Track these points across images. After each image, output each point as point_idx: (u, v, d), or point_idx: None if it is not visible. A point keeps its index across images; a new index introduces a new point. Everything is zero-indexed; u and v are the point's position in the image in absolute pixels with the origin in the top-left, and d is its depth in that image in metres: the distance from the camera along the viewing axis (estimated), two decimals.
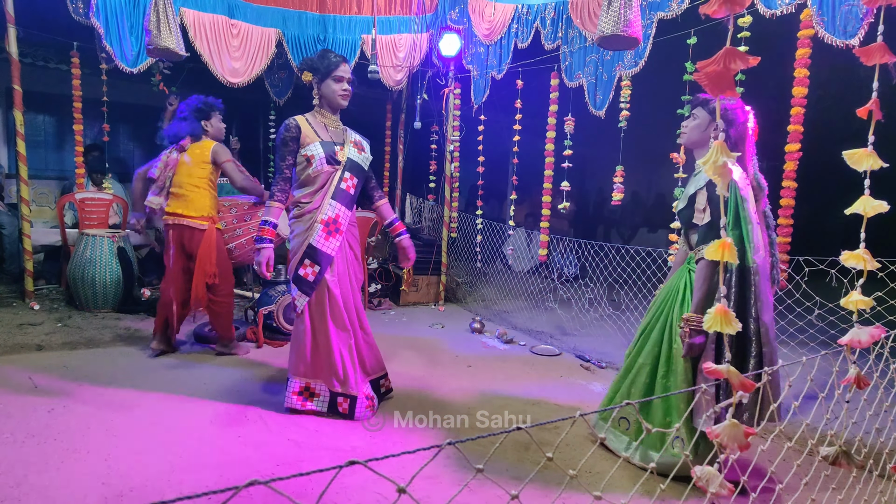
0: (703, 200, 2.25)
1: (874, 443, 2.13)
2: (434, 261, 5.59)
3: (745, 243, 2.10)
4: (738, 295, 2.13)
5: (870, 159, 1.28)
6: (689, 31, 3.36)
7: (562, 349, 4.28)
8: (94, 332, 4.00)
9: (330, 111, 2.83)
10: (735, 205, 2.12)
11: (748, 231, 2.10)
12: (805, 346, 3.47)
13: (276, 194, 2.77)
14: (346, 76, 2.79)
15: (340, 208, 2.79)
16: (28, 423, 2.57)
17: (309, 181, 2.76)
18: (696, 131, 2.35)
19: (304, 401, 2.85)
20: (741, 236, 2.11)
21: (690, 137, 2.39)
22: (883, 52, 1.24)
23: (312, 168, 2.73)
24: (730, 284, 2.12)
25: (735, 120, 2.26)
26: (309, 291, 2.76)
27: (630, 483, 2.28)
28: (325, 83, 2.77)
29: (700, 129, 2.34)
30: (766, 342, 2.12)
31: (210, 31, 4.67)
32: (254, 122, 7.54)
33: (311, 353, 2.80)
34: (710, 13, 1.14)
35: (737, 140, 2.26)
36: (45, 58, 5.82)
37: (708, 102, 2.32)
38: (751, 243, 2.10)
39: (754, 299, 2.12)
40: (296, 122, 2.75)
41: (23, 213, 4.46)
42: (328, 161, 2.74)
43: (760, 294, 2.11)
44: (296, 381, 2.84)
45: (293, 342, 2.87)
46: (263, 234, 2.75)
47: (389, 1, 5.37)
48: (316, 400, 2.84)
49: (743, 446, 1.12)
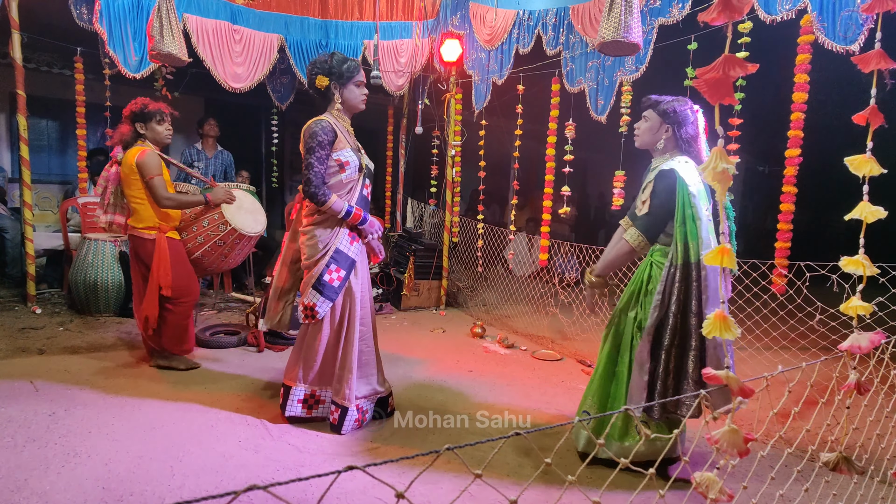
0: (647, 192, 2.33)
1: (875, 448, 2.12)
2: (435, 265, 5.60)
3: (688, 240, 2.19)
4: (681, 290, 2.22)
5: (869, 165, 1.28)
6: (689, 36, 3.38)
7: (563, 354, 4.28)
8: (95, 337, 4.01)
9: (348, 115, 2.77)
10: (682, 203, 2.20)
11: (696, 228, 2.18)
12: (806, 351, 3.46)
13: (328, 194, 2.61)
14: (364, 81, 2.77)
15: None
16: (29, 428, 2.57)
17: (339, 186, 2.67)
18: (648, 133, 2.40)
19: (308, 409, 2.81)
20: (686, 233, 2.20)
21: (643, 139, 2.44)
22: (880, 59, 1.24)
23: (346, 174, 2.66)
24: (673, 279, 2.22)
25: (685, 120, 2.30)
26: (333, 297, 2.67)
27: (630, 487, 2.27)
28: (347, 88, 2.70)
29: (652, 130, 2.39)
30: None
31: (213, 37, 4.69)
32: (256, 127, 7.58)
33: (322, 360, 2.76)
34: (708, 21, 1.15)
35: (689, 139, 2.33)
36: (49, 63, 5.85)
37: (658, 104, 2.37)
38: (696, 240, 2.18)
39: (697, 294, 2.19)
40: (330, 124, 2.62)
41: (25, 217, 4.47)
42: (359, 168, 2.72)
43: (706, 289, 2.16)
44: (301, 390, 2.79)
45: (303, 349, 2.78)
46: (356, 215, 2.67)
47: (391, 6, 5.39)
48: (322, 406, 2.82)
49: (742, 452, 1.12)
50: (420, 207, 6.77)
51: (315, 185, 2.58)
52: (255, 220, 3.64)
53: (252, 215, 3.67)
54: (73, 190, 5.60)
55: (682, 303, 2.22)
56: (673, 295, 2.22)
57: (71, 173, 6.16)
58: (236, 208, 3.57)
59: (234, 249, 3.65)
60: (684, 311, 2.22)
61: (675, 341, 2.23)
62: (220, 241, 3.52)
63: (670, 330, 2.22)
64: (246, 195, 3.76)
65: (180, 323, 3.39)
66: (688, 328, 2.21)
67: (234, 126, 6.93)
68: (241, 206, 3.62)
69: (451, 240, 5.70)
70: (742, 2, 1.10)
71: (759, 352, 3.64)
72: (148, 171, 3.17)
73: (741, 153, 3.19)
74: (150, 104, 3.30)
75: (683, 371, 2.23)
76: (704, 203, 2.23)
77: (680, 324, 2.23)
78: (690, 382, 2.20)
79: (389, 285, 5.59)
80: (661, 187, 2.26)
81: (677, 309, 2.22)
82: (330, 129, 2.60)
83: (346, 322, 2.74)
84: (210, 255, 3.56)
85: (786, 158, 3.08)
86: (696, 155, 2.34)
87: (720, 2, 1.11)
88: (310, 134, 2.59)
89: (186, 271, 3.40)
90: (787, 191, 3.09)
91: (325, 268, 2.66)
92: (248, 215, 3.64)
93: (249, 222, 3.61)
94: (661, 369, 2.23)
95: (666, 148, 2.36)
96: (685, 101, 2.34)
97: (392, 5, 5.40)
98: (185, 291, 3.36)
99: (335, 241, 2.68)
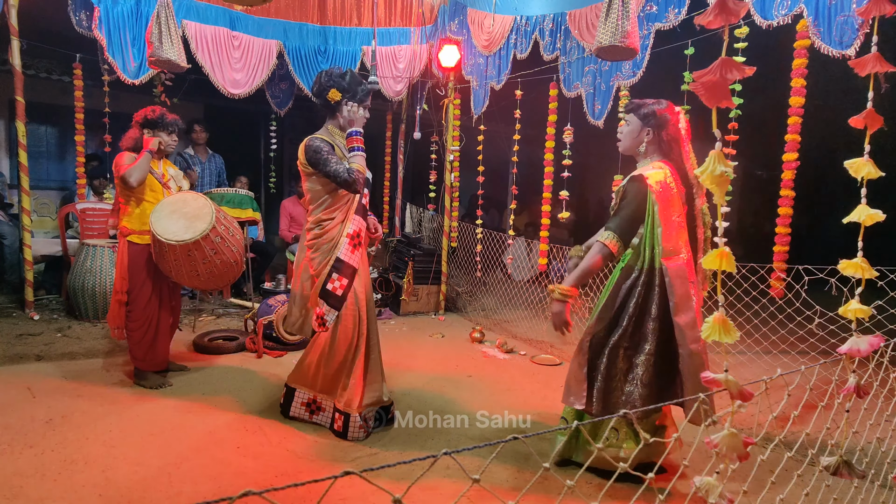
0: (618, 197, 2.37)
1: (875, 452, 2.12)
2: (434, 270, 5.59)
3: (654, 245, 2.23)
4: (641, 294, 2.26)
5: (866, 168, 1.29)
6: (686, 41, 3.39)
7: (562, 359, 4.27)
8: (93, 343, 4.00)
9: (341, 131, 2.82)
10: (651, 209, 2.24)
11: (657, 234, 2.22)
12: (805, 355, 3.46)
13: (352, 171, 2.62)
14: (369, 105, 2.83)
15: (360, 222, 2.81)
16: (26, 434, 2.56)
17: (337, 198, 2.73)
18: (629, 137, 2.42)
19: (310, 413, 2.85)
20: (653, 239, 2.23)
21: (624, 143, 2.46)
22: (876, 63, 1.25)
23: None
24: (634, 283, 2.26)
25: (665, 122, 2.31)
26: (338, 306, 2.72)
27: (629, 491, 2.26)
28: (354, 108, 2.75)
29: (633, 134, 2.40)
30: (681, 343, 2.18)
31: (211, 43, 4.71)
32: (254, 132, 7.58)
33: (326, 367, 2.78)
34: (704, 24, 1.15)
35: (669, 142, 2.35)
36: (48, 69, 5.86)
37: (639, 108, 2.38)
38: (659, 245, 2.22)
39: (660, 299, 2.21)
40: (325, 140, 2.70)
41: (24, 223, 4.47)
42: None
43: (672, 295, 2.18)
44: (304, 392, 2.86)
45: (310, 354, 2.84)
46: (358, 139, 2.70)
47: (389, 12, 5.42)
48: (322, 414, 2.84)
49: (742, 456, 1.12)
50: (419, 212, 6.78)
51: (345, 175, 2.61)
52: (187, 226, 3.03)
53: (187, 221, 3.06)
54: (72, 196, 5.60)
55: (641, 307, 2.26)
56: (632, 298, 2.26)
57: (69, 179, 6.16)
58: (169, 212, 3.07)
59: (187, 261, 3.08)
60: (641, 314, 2.26)
61: (623, 342, 2.27)
62: (155, 247, 3.10)
63: (621, 330, 2.27)
64: (197, 198, 3.20)
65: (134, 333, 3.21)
66: (644, 332, 2.25)
67: (233, 132, 6.95)
68: (179, 210, 3.11)
69: (450, 245, 5.70)
70: (738, 5, 1.10)
71: (759, 355, 3.64)
72: (118, 169, 3.12)
73: (739, 157, 3.20)
74: (168, 114, 3.32)
75: (633, 373, 2.27)
76: (676, 209, 2.25)
77: (634, 326, 2.26)
78: (639, 384, 2.24)
79: (388, 290, 5.58)
80: (631, 191, 2.29)
81: (634, 311, 2.25)
82: (325, 143, 2.70)
83: (352, 330, 2.76)
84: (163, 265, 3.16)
85: (783, 162, 3.09)
86: (678, 158, 2.34)
87: (716, 5, 1.12)
88: (312, 151, 2.66)
89: (143, 278, 3.19)
90: (785, 195, 3.10)
91: (327, 278, 2.70)
92: (181, 220, 3.05)
93: (174, 228, 3.01)
94: (603, 367, 2.28)
95: (648, 152, 2.37)
96: (666, 104, 2.35)
97: (390, 11, 5.42)
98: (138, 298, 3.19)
99: (336, 251, 2.72)
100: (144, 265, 3.19)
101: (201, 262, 3.13)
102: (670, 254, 2.22)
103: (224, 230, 3.20)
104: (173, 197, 3.19)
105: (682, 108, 2.42)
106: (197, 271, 3.15)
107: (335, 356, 2.76)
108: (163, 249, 3.05)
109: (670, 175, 2.29)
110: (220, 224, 3.15)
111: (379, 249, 5.45)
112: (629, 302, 2.26)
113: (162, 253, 3.08)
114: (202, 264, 3.14)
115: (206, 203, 3.17)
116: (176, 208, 3.10)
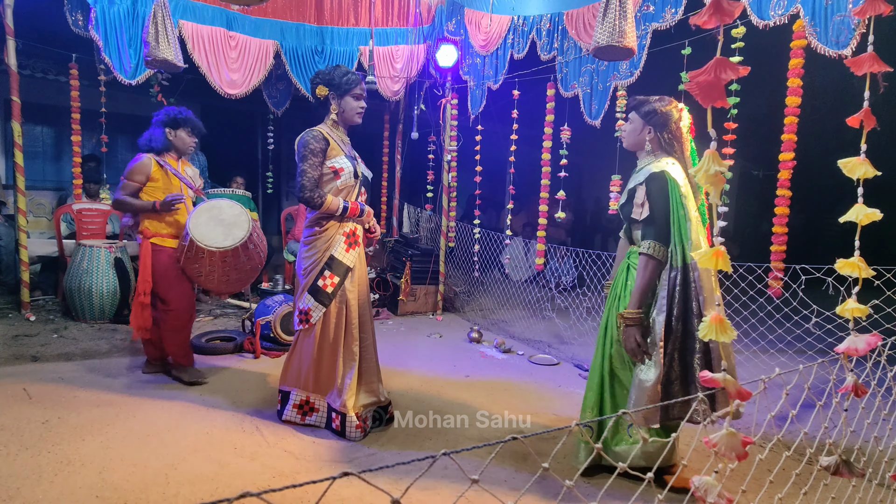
0: (641, 195, 2.30)
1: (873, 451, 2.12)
2: (432, 270, 5.59)
3: (683, 241, 2.19)
4: (681, 293, 2.19)
5: (863, 168, 1.29)
6: (683, 41, 3.39)
7: (560, 358, 4.27)
8: (89, 344, 3.98)
9: (343, 127, 2.83)
10: (675, 205, 2.20)
11: (686, 229, 2.19)
12: (802, 354, 3.47)
13: (322, 195, 2.66)
14: (363, 94, 2.82)
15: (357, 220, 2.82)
16: (22, 436, 2.55)
17: (334, 193, 2.72)
18: (632, 135, 2.41)
19: (303, 415, 2.83)
20: (681, 235, 2.19)
21: (628, 141, 2.45)
22: (873, 62, 1.25)
23: (341, 181, 2.72)
24: (675, 283, 2.19)
25: (668, 120, 2.31)
26: (327, 303, 2.72)
27: (628, 492, 2.26)
28: (344, 100, 2.76)
29: (635, 132, 2.39)
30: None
31: (208, 43, 4.69)
32: (252, 133, 7.57)
33: (316, 366, 2.77)
34: (700, 24, 1.15)
35: (671, 140, 2.33)
36: (44, 69, 5.84)
37: (641, 106, 2.36)
38: (689, 241, 2.19)
39: (696, 294, 2.18)
40: (321, 133, 2.70)
41: (20, 223, 4.45)
42: (354, 175, 2.76)
43: (702, 290, 2.17)
44: (296, 394, 2.83)
45: (296, 354, 2.83)
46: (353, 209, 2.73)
47: (387, 12, 5.41)
48: (315, 415, 2.83)
49: (740, 455, 1.11)
50: (416, 212, 6.77)
51: (309, 189, 2.65)
52: (225, 233, 3.15)
53: (225, 228, 3.17)
54: (67, 196, 5.58)
55: (683, 306, 2.19)
56: (675, 298, 2.19)
57: (65, 180, 6.14)
58: (206, 218, 3.15)
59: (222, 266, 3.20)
60: (685, 313, 2.19)
61: (676, 346, 2.20)
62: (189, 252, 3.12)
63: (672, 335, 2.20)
64: (232, 205, 3.28)
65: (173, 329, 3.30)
66: (689, 330, 2.18)
67: (230, 132, 6.93)
68: (216, 217, 3.19)
69: (448, 245, 5.70)
70: (732, 5, 1.10)
71: (756, 355, 3.64)
72: (126, 173, 3.23)
73: (735, 157, 3.21)
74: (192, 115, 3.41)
75: (690, 375, 2.18)
76: (692, 204, 2.24)
77: (682, 328, 2.20)
78: (698, 386, 2.11)
79: (386, 291, 5.58)
80: (655, 190, 2.25)
81: (679, 312, 2.19)
82: (321, 137, 2.68)
83: (342, 329, 2.75)
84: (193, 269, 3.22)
85: (780, 162, 3.09)
86: (681, 155, 2.34)
87: (711, 5, 1.11)
88: (301, 144, 2.68)
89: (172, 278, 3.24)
90: (782, 194, 3.10)
91: (319, 274, 2.71)
92: (219, 227, 3.16)
93: (213, 235, 3.11)
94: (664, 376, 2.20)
95: (651, 149, 2.37)
96: (668, 101, 2.34)
97: (388, 11, 5.42)
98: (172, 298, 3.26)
99: (330, 249, 2.73)
100: (172, 266, 3.25)
101: (234, 268, 3.27)
102: (696, 248, 2.18)
103: (256, 237, 3.32)
104: (207, 204, 3.26)
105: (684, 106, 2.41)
106: (228, 276, 3.30)
107: (324, 355, 2.76)
108: (198, 255, 3.13)
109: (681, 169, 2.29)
110: (254, 231, 3.27)
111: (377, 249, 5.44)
112: (673, 303, 2.20)
113: (196, 258, 3.15)
114: (234, 270, 3.28)
115: (242, 211, 3.29)
116: (213, 215, 3.20)
